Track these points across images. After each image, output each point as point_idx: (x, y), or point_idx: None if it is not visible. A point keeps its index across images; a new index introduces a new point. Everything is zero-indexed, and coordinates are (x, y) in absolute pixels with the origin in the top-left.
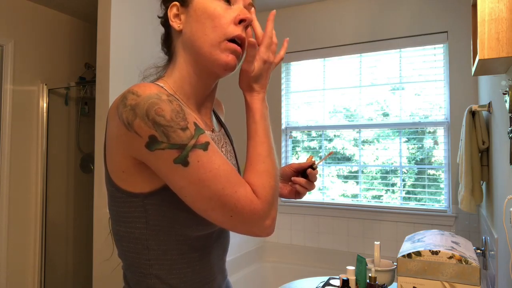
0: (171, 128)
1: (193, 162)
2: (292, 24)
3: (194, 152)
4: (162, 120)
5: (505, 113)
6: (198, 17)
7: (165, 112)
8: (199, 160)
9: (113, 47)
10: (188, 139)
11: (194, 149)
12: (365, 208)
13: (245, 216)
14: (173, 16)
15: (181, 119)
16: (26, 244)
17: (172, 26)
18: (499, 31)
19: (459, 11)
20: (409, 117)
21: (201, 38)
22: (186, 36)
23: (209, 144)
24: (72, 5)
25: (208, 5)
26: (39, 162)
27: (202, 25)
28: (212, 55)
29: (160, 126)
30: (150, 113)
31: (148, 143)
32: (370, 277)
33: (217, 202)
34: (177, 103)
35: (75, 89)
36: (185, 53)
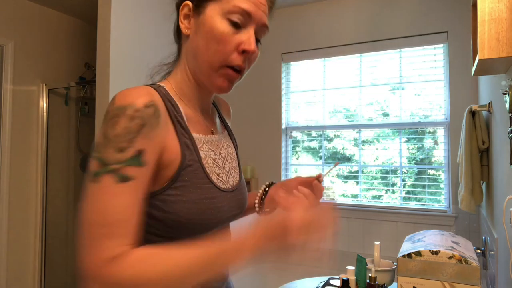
0: (111, 143)
1: (100, 184)
2: (292, 24)
3: (108, 176)
4: (110, 133)
5: (505, 113)
6: (205, 34)
7: (117, 127)
8: (106, 186)
9: (113, 47)
10: (114, 161)
11: (111, 173)
12: (365, 208)
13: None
14: (183, 17)
15: (126, 141)
16: (26, 244)
17: (180, 27)
18: (499, 31)
19: (459, 11)
20: (409, 117)
21: (203, 56)
22: (190, 45)
23: (130, 180)
24: (72, 5)
25: (217, 26)
26: (39, 162)
27: (207, 44)
28: (209, 76)
29: (106, 138)
30: (108, 123)
31: (94, 147)
32: (370, 277)
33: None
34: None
35: (75, 89)
36: (187, 58)
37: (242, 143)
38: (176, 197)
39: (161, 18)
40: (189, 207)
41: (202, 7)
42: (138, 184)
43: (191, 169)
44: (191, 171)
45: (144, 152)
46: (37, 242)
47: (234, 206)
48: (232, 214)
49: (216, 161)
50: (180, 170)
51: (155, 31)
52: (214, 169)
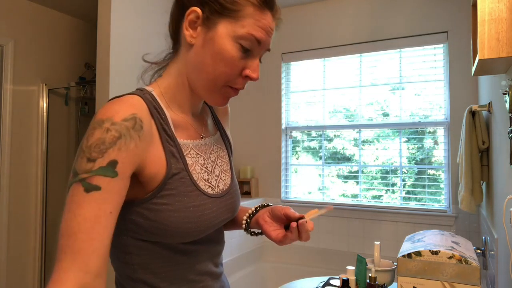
0: (83, 153)
1: (70, 194)
2: (292, 24)
3: (76, 185)
4: (84, 144)
5: (505, 113)
6: (214, 53)
7: (91, 138)
8: (74, 195)
9: (113, 47)
10: (83, 171)
11: (79, 182)
12: (365, 208)
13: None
14: (189, 23)
15: (97, 151)
16: (26, 244)
17: (184, 34)
18: (499, 31)
19: (459, 11)
20: (409, 117)
21: (207, 74)
22: (194, 57)
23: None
24: (72, 5)
25: (228, 49)
26: (39, 162)
27: (214, 64)
28: (209, 92)
29: (80, 149)
30: (86, 135)
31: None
32: (370, 277)
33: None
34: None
35: (75, 89)
36: (187, 67)
37: (242, 143)
38: (162, 205)
39: (161, 18)
40: (175, 216)
41: (213, 22)
42: (107, 195)
43: (178, 177)
44: (177, 179)
45: (117, 163)
46: (37, 242)
47: (224, 211)
48: (223, 218)
49: (204, 166)
50: (166, 180)
51: (155, 31)
52: (202, 175)
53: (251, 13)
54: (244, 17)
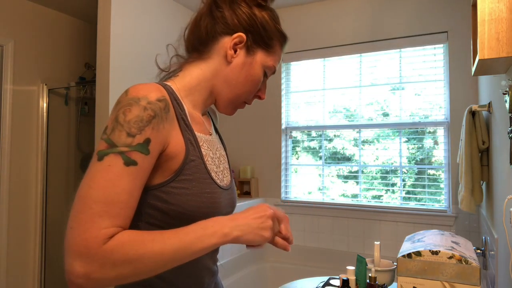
0: (121, 127)
1: (105, 162)
2: (292, 24)
3: (115, 156)
4: (121, 118)
5: (505, 113)
6: (248, 75)
7: (129, 113)
8: (112, 165)
9: (113, 47)
10: (122, 144)
11: (118, 154)
12: (365, 208)
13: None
14: (233, 44)
15: (136, 128)
16: (26, 244)
17: (227, 53)
18: (499, 31)
19: (459, 11)
20: (409, 117)
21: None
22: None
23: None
24: (72, 5)
25: (258, 74)
26: (39, 162)
27: (245, 83)
28: (230, 103)
29: (116, 122)
30: (120, 110)
31: (103, 131)
32: (370, 277)
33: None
34: (150, 114)
35: (75, 89)
36: (214, 75)
37: (242, 143)
38: (181, 189)
39: (161, 18)
40: (192, 200)
41: (253, 50)
42: (140, 171)
43: (194, 164)
44: (194, 166)
45: (151, 142)
46: (37, 242)
47: (228, 203)
48: (227, 210)
49: (213, 160)
50: (184, 164)
51: (155, 31)
52: (212, 167)
53: (277, 50)
54: (273, 52)
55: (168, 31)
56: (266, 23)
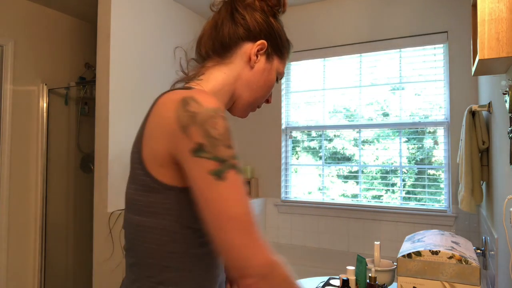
0: (220, 141)
1: (229, 179)
2: (292, 24)
3: (232, 171)
4: (215, 132)
5: (505, 113)
6: (267, 80)
7: (219, 126)
8: (234, 180)
9: (113, 47)
10: (229, 157)
11: (233, 168)
12: (365, 208)
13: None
14: (257, 50)
15: (229, 138)
16: (26, 244)
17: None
18: (499, 31)
19: (459, 11)
20: (409, 117)
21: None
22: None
23: (241, 172)
24: (72, 5)
25: (274, 79)
26: (39, 162)
27: (263, 87)
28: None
29: (211, 138)
30: (206, 124)
31: (194, 148)
32: (370, 277)
33: (237, 224)
34: (228, 123)
35: (75, 89)
36: (238, 80)
37: (242, 143)
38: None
39: (161, 18)
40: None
41: (272, 56)
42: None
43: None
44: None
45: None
46: (37, 242)
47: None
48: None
49: None
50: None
51: (155, 31)
52: None
53: (286, 58)
54: (285, 60)
55: (168, 31)
56: (281, 32)
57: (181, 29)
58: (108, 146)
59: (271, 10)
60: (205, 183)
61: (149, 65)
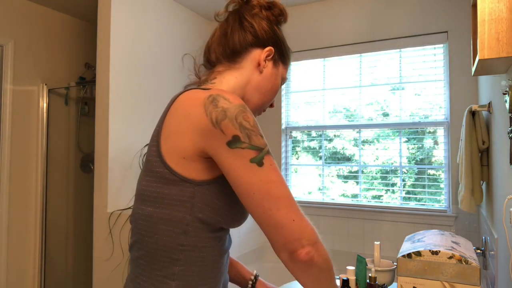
0: (254, 132)
1: (266, 164)
2: (292, 24)
3: (268, 156)
4: (247, 124)
5: (505, 113)
6: (273, 84)
7: (250, 119)
8: (271, 164)
9: (113, 47)
10: (264, 145)
11: (268, 154)
12: (365, 208)
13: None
14: (266, 56)
15: (259, 129)
16: (26, 244)
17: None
18: (499, 31)
19: (459, 11)
20: (409, 117)
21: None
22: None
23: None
24: (72, 5)
25: (279, 83)
26: (39, 162)
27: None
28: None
29: (245, 129)
30: (238, 117)
31: (230, 141)
32: (370, 277)
33: (285, 202)
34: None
35: (75, 89)
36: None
37: None
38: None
39: (161, 18)
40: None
41: (278, 62)
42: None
43: None
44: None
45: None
46: (37, 242)
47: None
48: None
49: None
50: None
51: (155, 31)
52: None
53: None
54: (287, 66)
55: (168, 31)
56: (284, 40)
57: (181, 29)
58: (108, 146)
59: (275, 19)
60: (248, 171)
61: (149, 65)
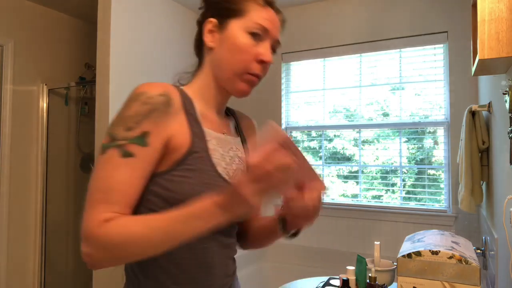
0: (121, 121)
1: (105, 155)
2: (292, 24)
3: (114, 149)
4: (123, 112)
5: (505, 113)
6: (230, 46)
7: (130, 109)
8: (110, 157)
9: (113, 47)
10: (121, 138)
11: (116, 148)
12: (365, 208)
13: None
14: (207, 31)
15: (134, 122)
16: (26, 244)
17: (204, 41)
18: (499, 31)
19: (459, 11)
20: (409, 117)
21: (227, 65)
22: (215, 56)
23: (131, 157)
24: (72, 5)
25: (240, 39)
26: (39, 162)
27: (231, 55)
28: (232, 82)
29: (118, 115)
30: (124, 106)
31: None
32: (370, 277)
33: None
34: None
35: (75, 89)
36: (210, 68)
37: None
38: (182, 178)
39: (161, 18)
40: (192, 189)
41: (225, 23)
42: (139, 162)
43: (198, 155)
44: (197, 157)
45: (149, 134)
46: (37, 242)
47: None
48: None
49: (223, 157)
50: (188, 155)
51: (155, 31)
52: (220, 162)
53: (255, 9)
54: (250, 13)
55: (168, 31)
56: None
57: (181, 29)
58: None
59: None
60: (98, 153)
61: (149, 65)
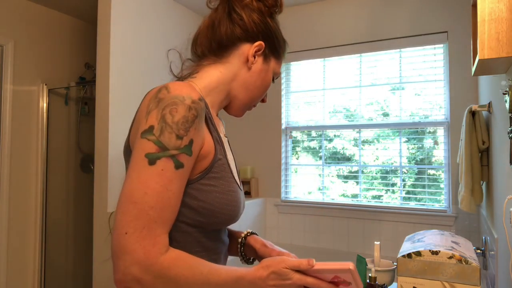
0: (170, 128)
1: (158, 166)
2: (292, 24)
3: (167, 160)
4: (170, 118)
5: (505, 113)
6: (263, 80)
7: (177, 114)
8: (164, 169)
9: (113, 47)
10: (173, 147)
11: (170, 158)
12: (365, 208)
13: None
14: (255, 51)
15: (184, 129)
16: (26, 244)
17: (248, 59)
18: (499, 31)
19: (459, 11)
20: (409, 117)
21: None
22: (248, 77)
23: (182, 168)
24: (72, 5)
25: (270, 79)
26: (39, 162)
27: (260, 88)
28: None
29: (164, 122)
30: (166, 109)
31: (145, 130)
32: (370, 277)
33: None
34: (194, 114)
35: (75, 89)
36: (234, 79)
37: (242, 143)
38: (210, 187)
39: (161, 18)
40: (220, 197)
41: (269, 57)
42: (186, 173)
43: (221, 163)
44: (221, 164)
45: (193, 142)
46: (37, 242)
47: (243, 204)
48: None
49: (231, 160)
50: (214, 163)
51: (155, 31)
52: (233, 167)
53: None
54: (281, 60)
55: (168, 31)
56: (278, 32)
57: (181, 29)
58: (108, 146)
59: (268, 11)
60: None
61: (149, 65)
